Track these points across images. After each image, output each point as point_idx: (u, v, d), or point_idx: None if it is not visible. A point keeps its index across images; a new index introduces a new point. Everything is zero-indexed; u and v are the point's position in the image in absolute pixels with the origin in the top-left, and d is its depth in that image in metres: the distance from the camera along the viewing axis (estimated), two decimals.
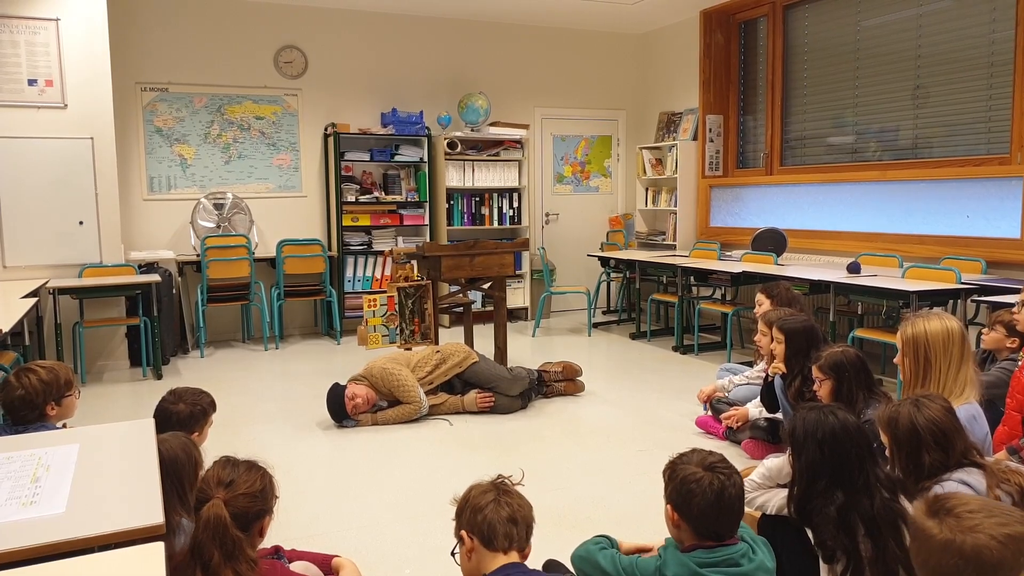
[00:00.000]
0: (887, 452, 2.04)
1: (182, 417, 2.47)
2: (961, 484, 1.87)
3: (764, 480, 2.17)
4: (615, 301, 7.95)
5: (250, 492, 1.72)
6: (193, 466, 1.92)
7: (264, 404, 4.70)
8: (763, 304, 4.02)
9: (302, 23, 6.83)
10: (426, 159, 7.08)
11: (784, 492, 2.07)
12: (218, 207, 6.50)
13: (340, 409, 4.19)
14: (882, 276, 4.83)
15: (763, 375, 4.03)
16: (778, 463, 2.16)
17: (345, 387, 4.22)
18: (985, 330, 3.42)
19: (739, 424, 3.75)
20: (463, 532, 1.73)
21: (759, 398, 3.74)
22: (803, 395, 3.20)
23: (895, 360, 2.72)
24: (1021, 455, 2.62)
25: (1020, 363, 3.00)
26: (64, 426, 2.53)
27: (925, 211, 5.46)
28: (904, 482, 1.98)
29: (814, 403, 2.26)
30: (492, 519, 1.69)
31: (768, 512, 2.11)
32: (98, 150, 5.43)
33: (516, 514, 1.71)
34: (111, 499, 1.52)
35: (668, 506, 1.80)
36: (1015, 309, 3.24)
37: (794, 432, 2.02)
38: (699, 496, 1.72)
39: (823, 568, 1.96)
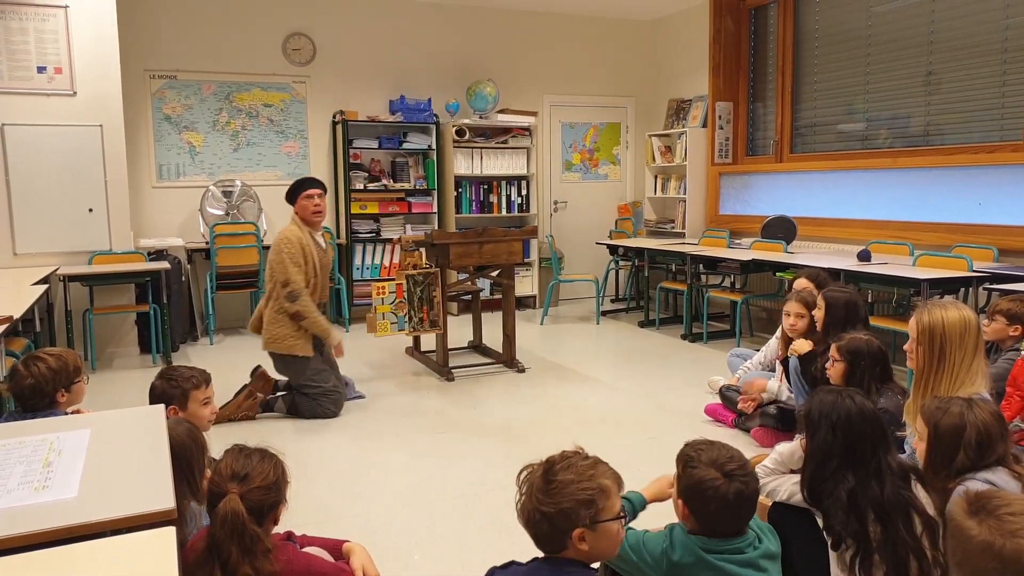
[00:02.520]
0: (915, 442, 2.01)
1: (156, 393, 2.47)
2: (986, 484, 1.84)
3: (777, 466, 2.17)
4: (624, 289, 7.93)
5: (265, 484, 1.71)
6: (200, 451, 1.94)
7: None
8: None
9: (310, 10, 6.81)
10: (434, 146, 7.06)
11: (795, 478, 2.07)
12: (227, 194, 6.51)
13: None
14: (893, 264, 4.80)
15: (770, 356, 4.02)
16: (790, 448, 2.16)
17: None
18: (985, 321, 3.30)
19: (755, 401, 3.72)
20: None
21: (779, 376, 3.70)
22: (820, 374, 3.16)
23: (906, 347, 2.68)
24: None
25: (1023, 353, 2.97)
26: (77, 411, 2.55)
27: (936, 198, 5.41)
28: (919, 470, 1.96)
29: (832, 386, 2.24)
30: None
31: (778, 498, 2.10)
32: (107, 137, 5.44)
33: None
34: (122, 484, 1.53)
35: (679, 500, 1.77)
36: None
37: (809, 412, 2.02)
38: (715, 502, 1.69)
39: (832, 556, 1.95)
